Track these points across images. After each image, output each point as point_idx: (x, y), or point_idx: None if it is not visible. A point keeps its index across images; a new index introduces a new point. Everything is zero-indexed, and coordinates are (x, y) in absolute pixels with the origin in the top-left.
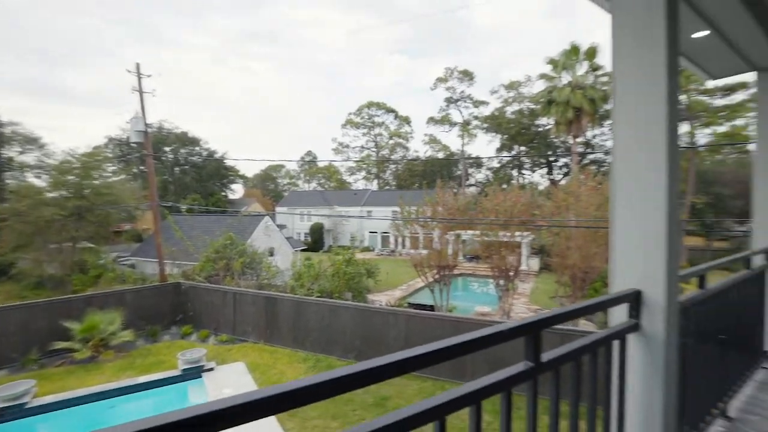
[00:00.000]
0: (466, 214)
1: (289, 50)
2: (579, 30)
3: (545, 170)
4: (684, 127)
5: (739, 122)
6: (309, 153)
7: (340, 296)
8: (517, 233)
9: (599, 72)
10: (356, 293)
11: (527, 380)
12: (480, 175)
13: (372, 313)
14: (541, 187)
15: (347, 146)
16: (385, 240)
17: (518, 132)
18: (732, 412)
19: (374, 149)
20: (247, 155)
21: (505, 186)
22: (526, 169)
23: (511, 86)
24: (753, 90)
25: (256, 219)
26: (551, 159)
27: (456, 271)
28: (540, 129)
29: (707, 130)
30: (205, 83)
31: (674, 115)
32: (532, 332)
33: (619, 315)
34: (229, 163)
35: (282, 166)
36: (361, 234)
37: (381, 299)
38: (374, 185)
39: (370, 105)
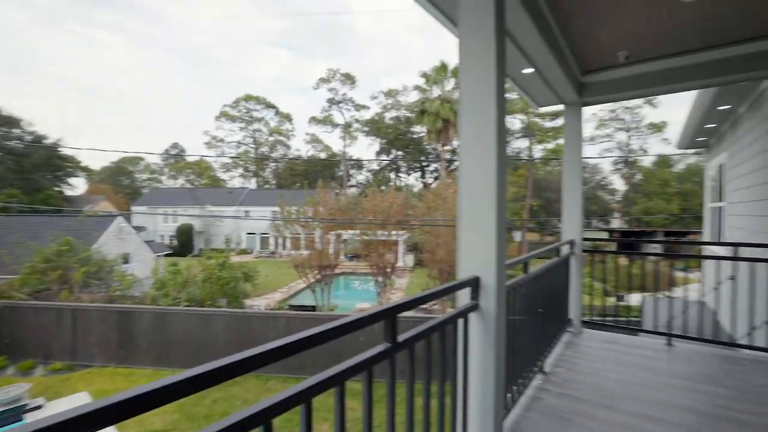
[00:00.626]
0: (347, 214)
1: (147, 24)
2: (450, 47)
3: (419, 174)
4: (524, 143)
5: (561, 141)
6: (175, 145)
7: (213, 303)
8: (394, 232)
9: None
10: (232, 299)
11: (386, 358)
12: (361, 177)
13: (249, 318)
14: (415, 190)
15: (222, 140)
16: (264, 241)
17: (396, 137)
18: (547, 367)
19: (253, 145)
20: (92, 144)
21: (383, 188)
22: (403, 173)
23: (390, 94)
24: None
25: (106, 220)
26: (424, 164)
27: (338, 271)
28: (415, 136)
29: (540, 146)
30: (28, 48)
31: (502, 131)
32: (390, 317)
33: (464, 298)
34: (66, 152)
35: (140, 159)
36: (237, 235)
37: (260, 303)
38: (253, 183)
39: (248, 98)
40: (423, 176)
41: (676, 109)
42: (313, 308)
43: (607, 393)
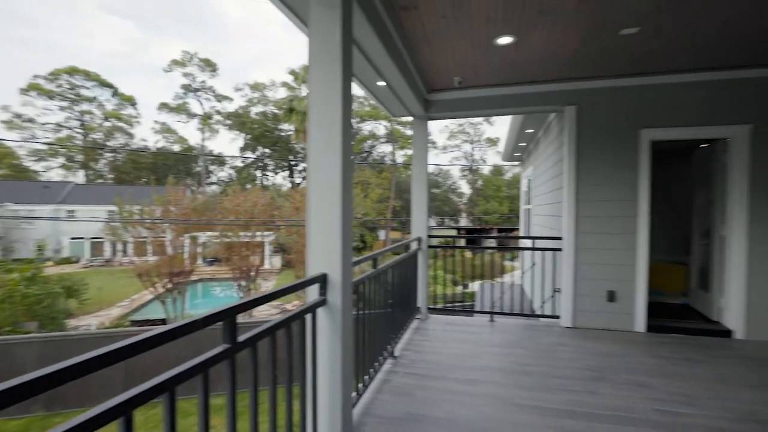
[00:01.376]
0: (205, 214)
1: None
2: None
3: (287, 173)
4: (388, 148)
5: None
6: None
7: (15, 329)
8: (259, 233)
9: None
10: (47, 321)
11: (224, 359)
12: (223, 174)
13: (74, 342)
14: (284, 189)
15: (32, 121)
16: (97, 247)
17: (262, 134)
18: (397, 352)
19: (80, 130)
20: None
21: (249, 186)
22: (270, 171)
23: (257, 87)
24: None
25: None
26: (293, 163)
27: (194, 277)
28: (283, 134)
29: (402, 152)
30: None
31: (347, 134)
32: (229, 317)
33: (313, 294)
34: None
35: None
36: (56, 241)
37: (91, 322)
38: (80, 177)
39: (73, 71)
40: (291, 175)
41: (504, 127)
42: (163, 321)
43: (443, 366)
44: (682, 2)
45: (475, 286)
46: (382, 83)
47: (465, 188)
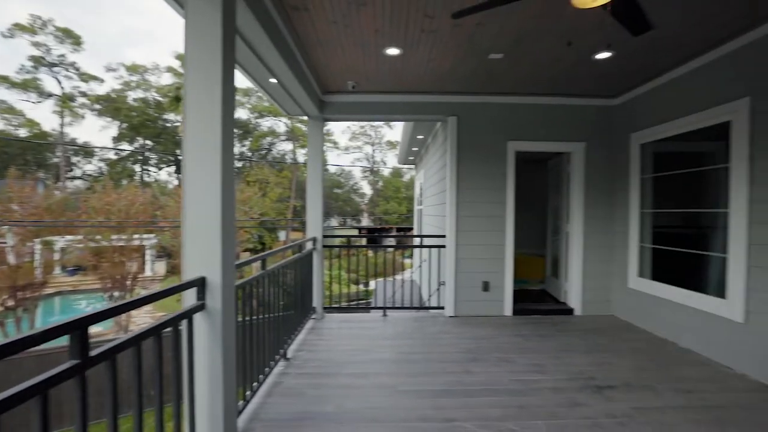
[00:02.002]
0: (64, 215)
1: None
2: None
3: (174, 169)
4: (289, 146)
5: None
6: None
7: None
8: (137, 236)
9: None
10: None
11: (71, 378)
12: (90, 167)
13: None
14: (170, 186)
15: None
16: None
17: (142, 123)
18: (290, 353)
19: None
20: None
21: (125, 182)
22: (152, 166)
23: (135, 69)
24: (329, 126)
25: None
26: (180, 157)
27: (49, 290)
28: (169, 124)
29: (304, 150)
30: None
31: (228, 128)
32: (77, 329)
33: (190, 299)
34: None
35: None
36: None
37: None
38: None
39: None
40: (178, 171)
41: (401, 132)
42: None
43: (336, 363)
44: (531, 39)
45: (374, 284)
46: (274, 80)
47: (366, 189)
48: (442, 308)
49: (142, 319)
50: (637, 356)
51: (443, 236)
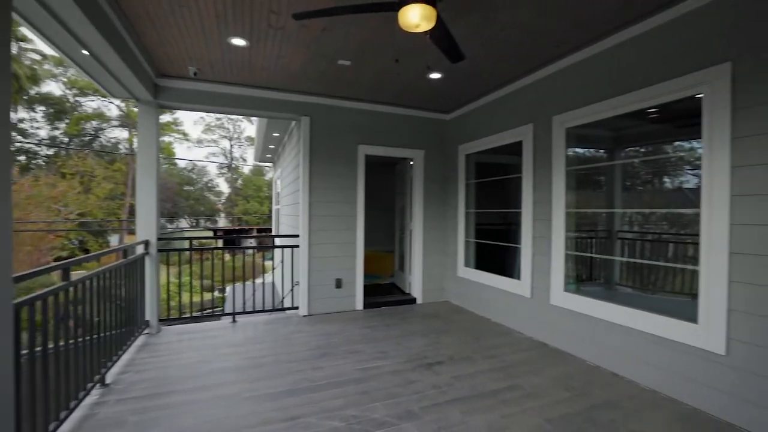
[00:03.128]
0: None
1: None
2: None
3: None
4: (123, 133)
5: (166, 138)
6: None
7: None
8: None
9: (28, 45)
10: None
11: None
12: None
13: None
14: None
15: None
16: None
17: None
18: (109, 378)
19: None
20: None
21: None
22: None
23: None
24: (177, 114)
25: None
26: None
27: None
28: None
29: None
30: None
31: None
32: None
33: None
34: None
35: None
36: None
37: None
38: None
39: None
40: None
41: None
42: None
43: (171, 380)
44: (373, 50)
45: (230, 289)
46: (86, 53)
47: (224, 187)
48: (297, 308)
49: None
50: (462, 334)
51: (296, 236)
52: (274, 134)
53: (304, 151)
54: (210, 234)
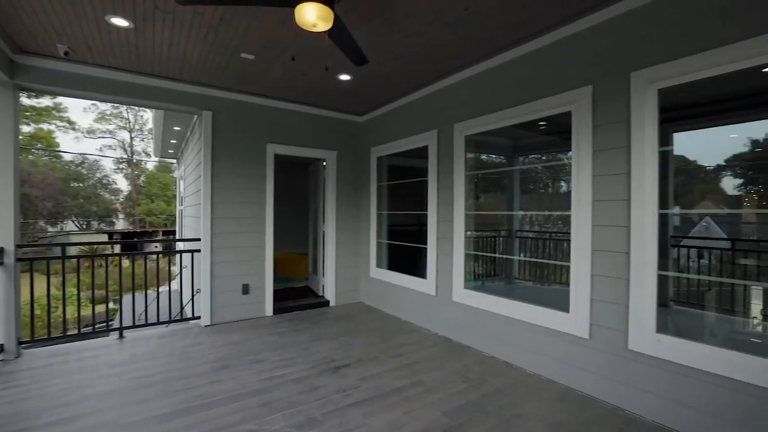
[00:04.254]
0: None
1: None
2: None
3: None
4: None
5: (48, 125)
6: None
7: None
8: None
9: None
10: None
11: None
12: None
13: None
14: None
15: None
16: None
17: None
18: None
19: None
20: None
21: None
22: None
23: None
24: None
25: None
26: None
27: None
28: None
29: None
30: None
31: None
32: None
33: None
34: None
35: None
36: None
37: None
38: None
39: None
40: None
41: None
42: None
43: (29, 414)
44: (278, 46)
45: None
46: None
47: (123, 184)
48: (198, 318)
49: None
50: (371, 334)
51: (198, 239)
52: (175, 128)
53: (205, 148)
54: (104, 238)
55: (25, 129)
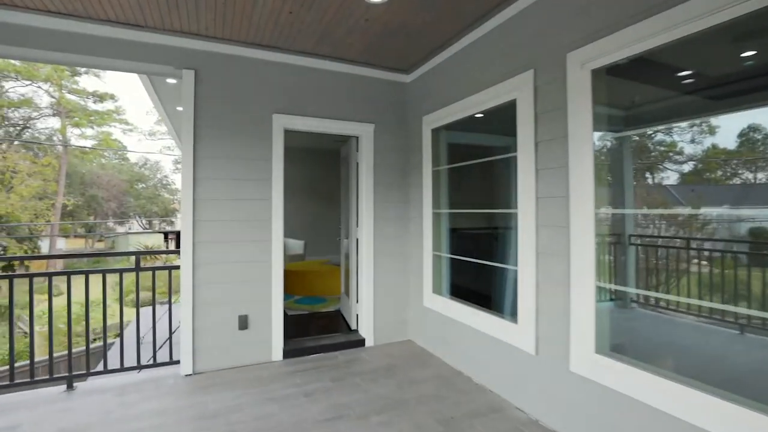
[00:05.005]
0: None
1: None
2: None
3: None
4: (54, 122)
5: (109, 128)
6: None
7: None
8: None
9: None
10: None
11: None
12: None
13: None
14: None
15: None
16: None
17: None
18: None
19: None
20: None
21: None
22: None
23: None
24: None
25: None
26: None
27: None
28: None
29: (78, 130)
30: None
31: None
32: None
33: None
34: None
35: None
36: None
37: None
38: None
39: None
40: None
41: None
42: None
43: None
44: None
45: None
46: None
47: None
48: (177, 363)
49: None
50: (423, 411)
51: (178, 251)
52: (178, 108)
53: (186, 122)
54: (160, 237)
55: (89, 132)
